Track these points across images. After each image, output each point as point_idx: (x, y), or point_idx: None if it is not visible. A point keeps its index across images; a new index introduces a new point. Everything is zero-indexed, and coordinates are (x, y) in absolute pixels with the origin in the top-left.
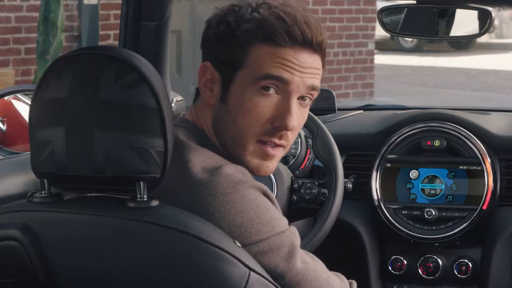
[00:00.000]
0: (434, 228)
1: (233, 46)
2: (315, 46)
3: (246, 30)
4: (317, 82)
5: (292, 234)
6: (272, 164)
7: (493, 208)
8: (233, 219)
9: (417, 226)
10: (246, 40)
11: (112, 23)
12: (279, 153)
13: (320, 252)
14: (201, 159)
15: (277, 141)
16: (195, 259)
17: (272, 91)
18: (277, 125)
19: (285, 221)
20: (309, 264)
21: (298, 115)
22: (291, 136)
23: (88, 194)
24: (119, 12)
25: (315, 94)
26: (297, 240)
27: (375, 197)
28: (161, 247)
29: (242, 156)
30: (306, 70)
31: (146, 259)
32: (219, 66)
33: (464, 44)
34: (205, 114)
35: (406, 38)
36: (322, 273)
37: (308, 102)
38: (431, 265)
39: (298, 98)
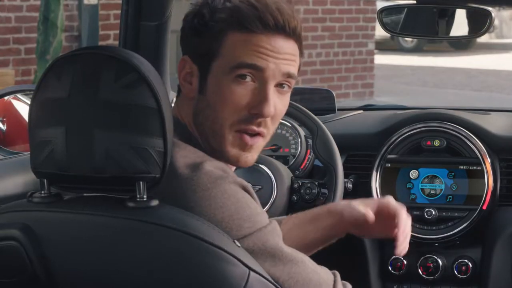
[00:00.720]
0: (434, 228)
1: (208, 37)
2: (288, 31)
3: (219, 20)
4: (293, 69)
5: (274, 228)
6: (252, 155)
7: (493, 208)
8: (214, 214)
9: (417, 226)
10: (219, 30)
11: (112, 23)
12: (259, 143)
13: (320, 252)
14: (183, 154)
15: (255, 128)
16: (195, 259)
17: (248, 79)
18: (254, 112)
19: (266, 216)
20: (295, 255)
21: (277, 102)
22: (271, 124)
23: (88, 194)
24: (119, 12)
25: (292, 82)
26: (280, 235)
27: (375, 197)
28: (160, 247)
29: (222, 146)
30: (281, 56)
31: (146, 259)
32: (196, 58)
33: (464, 44)
34: (187, 108)
35: (406, 38)
36: (309, 263)
37: (287, 89)
38: (431, 265)
39: (276, 86)
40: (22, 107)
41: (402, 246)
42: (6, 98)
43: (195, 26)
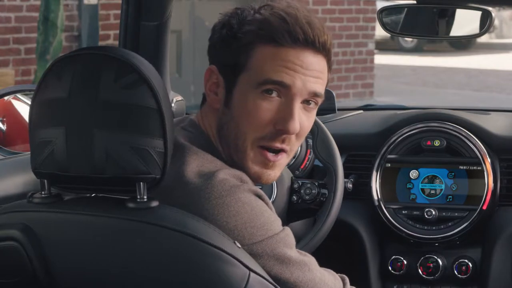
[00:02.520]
0: (434, 228)
1: (236, 49)
2: (318, 46)
3: (248, 32)
4: (320, 88)
5: (286, 235)
6: (275, 173)
7: (493, 208)
8: (227, 222)
9: (417, 226)
10: (248, 42)
11: (112, 23)
12: (282, 160)
13: (320, 252)
14: (199, 163)
15: (278, 145)
16: (195, 260)
17: (274, 94)
18: (279, 128)
19: (279, 223)
20: (304, 262)
21: (302, 118)
22: (296, 141)
23: (88, 195)
24: (119, 12)
25: (319, 100)
26: (292, 241)
27: (375, 197)
28: (160, 248)
29: (244, 162)
30: (309, 72)
31: (146, 260)
32: (223, 70)
33: (464, 44)
34: (211, 118)
35: (406, 38)
36: (317, 272)
37: (313, 106)
38: (431, 265)
39: (303, 102)
40: (22, 107)
41: None
42: (6, 98)
43: (223, 37)
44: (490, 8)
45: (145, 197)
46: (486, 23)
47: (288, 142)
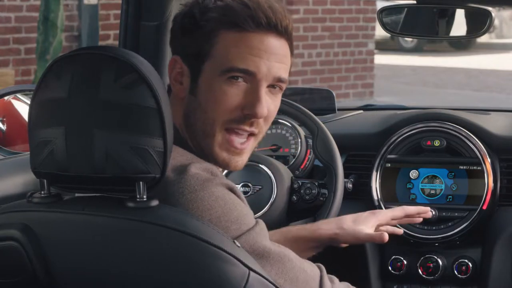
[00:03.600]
0: (434, 228)
1: (199, 37)
2: (281, 29)
3: (211, 19)
4: (284, 74)
5: (261, 229)
6: (242, 159)
7: (493, 208)
8: (201, 217)
9: (417, 226)
10: (211, 29)
11: (112, 23)
12: (249, 146)
13: (320, 252)
14: (171, 156)
15: (247, 128)
16: (195, 259)
17: (240, 79)
18: (247, 113)
19: (252, 216)
20: (283, 253)
21: (269, 102)
22: (264, 125)
23: (88, 194)
24: (119, 12)
25: (284, 85)
26: (266, 235)
27: (375, 197)
28: (160, 247)
29: (211, 148)
30: (273, 57)
31: (146, 259)
32: (187, 59)
33: (464, 44)
34: (176, 108)
35: (406, 38)
36: (296, 261)
37: (278, 90)
38: (431, 265)
39: (268, 86)
40: (22, 107)
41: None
42: (6, 98)
43: (185, 26)
44: (490, 8)
45: (144, 196)
46: (486, 23)
47: (257, 126)
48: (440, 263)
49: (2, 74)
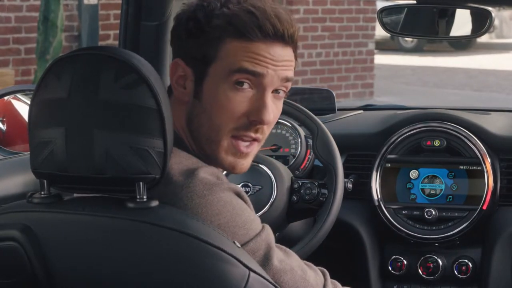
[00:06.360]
0: (434, 228)
1: (204, 43)
2: (287, 39)
3: (216, 26)
4: (291, 74)
5: (267, 235)
6: (247, 162)
7: (493, 208)
8: (210, 222)
9: (417, 226)
10: (216, 37)
11: (112, 23)
12: (254, 149)
13: (320, 252)
14: (177, 161)
15: (253, 134)
16: (195, 259)
17: (246, 85)
18: (252, 119)
19: (259, 221)
20: (285, 262)
21: (273, 108)
22: (267, 130)
23: (88, 195)
24: (119, 12)
25: (289, 85)
26: (272, 240)
27: (375, 197)
28: (160, 248)
29: (216, 153)
30: (280, 63)
31: (146, 260)
32: (190, 62)
33: (464, 44)
34: (178, 111)
35: (406, 38)
36: (298, 270)
37: (282, 94)
38: (431, 265)
39: (272, 91)
40: (22, 107)
41: None
42: (6, 98)
43: (190, 30)
44: (490, 8)
45: (144, 197)
46: (486, 23)
47: (261, 131)
48: (440, 263)
49: (2, 74)
